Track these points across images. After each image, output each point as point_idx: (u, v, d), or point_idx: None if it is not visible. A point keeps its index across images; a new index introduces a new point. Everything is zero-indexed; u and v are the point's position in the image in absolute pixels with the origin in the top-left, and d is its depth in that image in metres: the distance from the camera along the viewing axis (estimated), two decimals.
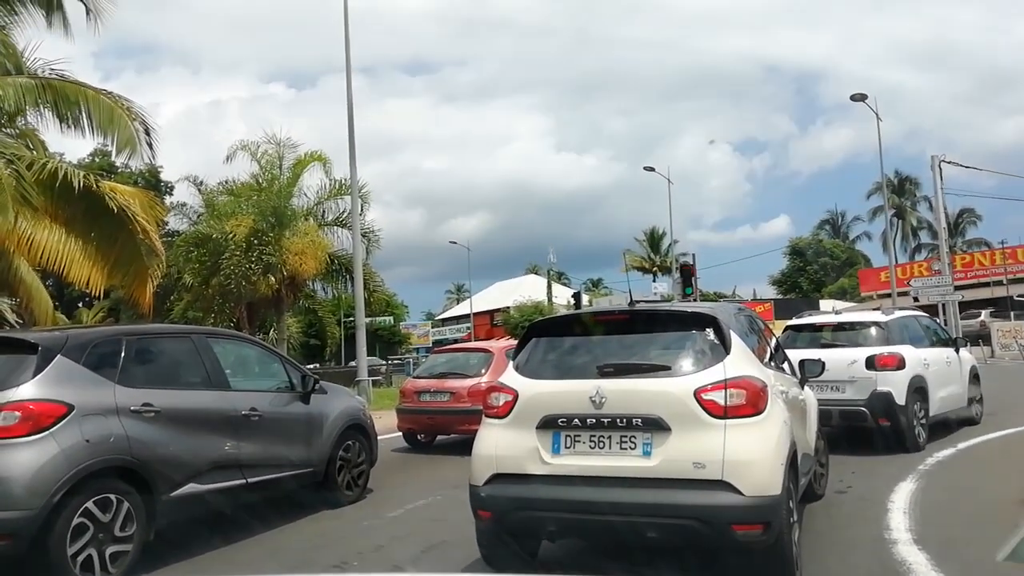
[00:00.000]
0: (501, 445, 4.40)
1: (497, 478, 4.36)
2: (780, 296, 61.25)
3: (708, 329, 4.37)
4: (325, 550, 5.65)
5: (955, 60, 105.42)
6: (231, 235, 20.35)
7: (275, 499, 6.41)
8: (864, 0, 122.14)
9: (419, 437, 10.78)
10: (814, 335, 9.85)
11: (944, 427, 9.68)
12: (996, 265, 43.94)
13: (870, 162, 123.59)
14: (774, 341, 5.79)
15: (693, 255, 34.08)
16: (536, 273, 69.59)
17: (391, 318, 69.78)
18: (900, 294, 32.36)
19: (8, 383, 4.73)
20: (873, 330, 9.32)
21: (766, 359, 4.92)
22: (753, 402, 4.10)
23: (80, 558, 4.59)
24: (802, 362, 5.97)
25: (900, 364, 8.71)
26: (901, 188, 62.05)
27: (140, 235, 12.99)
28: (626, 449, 4.13)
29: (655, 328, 4.71)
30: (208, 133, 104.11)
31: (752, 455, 3.98)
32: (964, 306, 34.36)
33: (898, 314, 10.09)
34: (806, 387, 5.99)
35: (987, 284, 42.10)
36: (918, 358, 9.09)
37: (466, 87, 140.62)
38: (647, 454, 4.08)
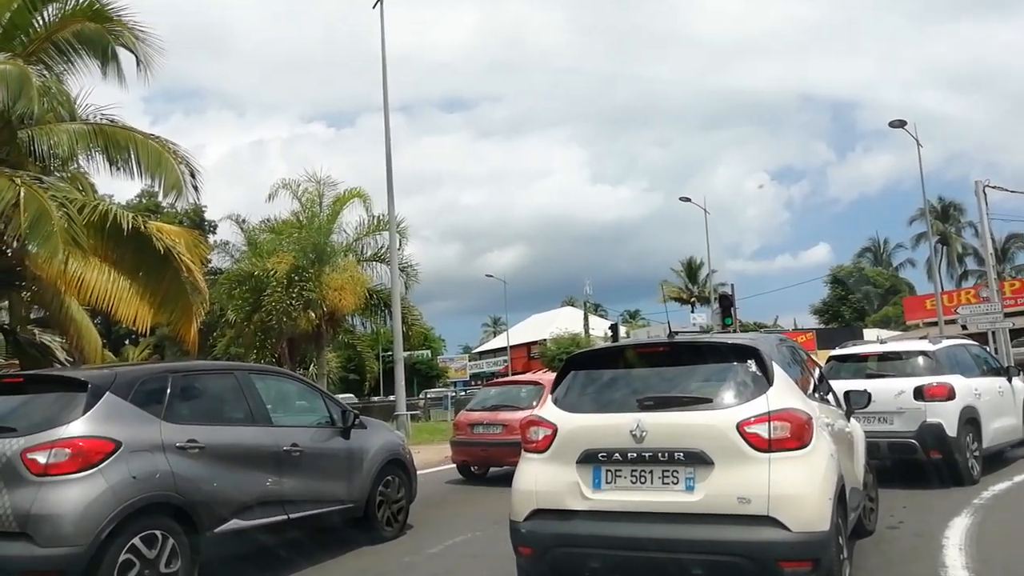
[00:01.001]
0: (541, 480, 4.35)
1: (538, 514, 4.31)
2: (822, 326, 60.11)
3: (750, 361, 4.31)
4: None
5: (994, 82, 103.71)
6: (272, 272, 20.74)
7: (316, 534, 6.42)
8: (899, 24, 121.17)
9: (472, 469, 10.99)
10: (859, 365, 9.64)
11: (999, 460, 9.39)
12: None
13: (911, 188, 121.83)
14: (818, 372, 5.69)
15: (732, 285, 33.69)
16: (572, 305, 69.50)
17: (429, 352, 70.08)
18: (947, 322, 31.57)
19: (58, 420, 4.81)
20: (920, 359, 9.09)
21: (810, 390, 4.83)
22: (798, 435, 4.01)
23: None
24: (847, 393, 5.83)
25: (950, 394, 8.46)
26: (945, 214, 60.79)
27: (185, 273, 13.33)
28: (668, 484, 4.06)
29: (695, 360, 4.60)
30: (251, 172, 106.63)
31: (799, 489, 3.90)
32: (1015, 333, 33.33)
33: (946, 343, 9.82)
34: (852, 419, 5.86)
35: None
36: (969, 388, 8.81)
37: (502, 122, 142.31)
38: (690, 489, 4.00)
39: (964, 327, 31.44)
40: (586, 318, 57.53)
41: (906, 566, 5.36)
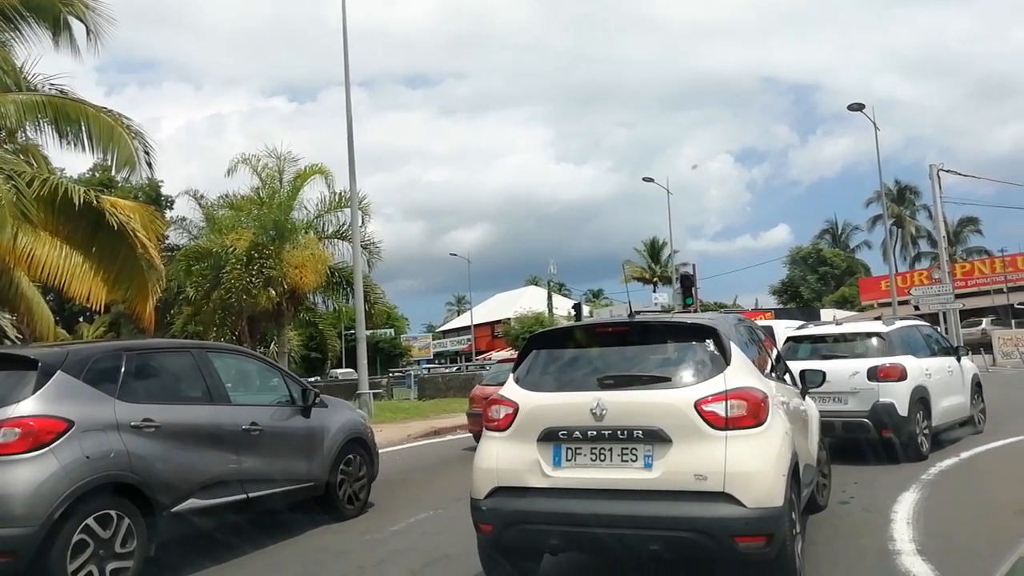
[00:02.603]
0: (502, 458, 4.37)
1: (498, 491, 4.33)
2: (781, 306, 61.21)
3: (708, 340, 4.37)
4: (326, 565, 5.65)
5: (952, 68, 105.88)
6: (231, 249, 20.37)
7: (277, 513, 6.40)
8: (859, 10, 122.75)
9: None
10: (815, 346, 9.89)
11: (947, 436, 9.73)
12: (996, 273, 43.94)
13: (869, 171, 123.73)
14: (775, 352, 5.78)
15: (693, 265, 34.01)
16: (536, 284, 69.60)
17: (392, 331, 69.66)
18: (900, 303, 32.37)
19: (7, 400, 4.72)
20: (874, 341, 9.32)
21: (767, 370, 4.92)
22: (754, 413, 4.07)
23: (81, 575, 4.57)
24: (803, 372, 5.99)
25: (902, 375, 8.72)
26: (901, 197, 62.17)
27: (140, 250, 13.03)
28: (627, 461, 4.10)
29: (655, 339, 4.67)
30: (209, 147, 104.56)
31: (754, 466, 3.96)
32: (965, 314, 34.34)
33: (899, 324, 10.03)
34: (807, 397, 6.01)
35: (988, 292, 42.08)
36: (920, 368, 9.09)
37: (466, 99, 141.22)
38: (648, 466, 4.05)
39: (916, 308, 32.26)
40: (550, 297, 57.63)
41: (856, 540, 5.51)
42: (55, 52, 14.19)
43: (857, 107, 29.95)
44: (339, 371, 43.12)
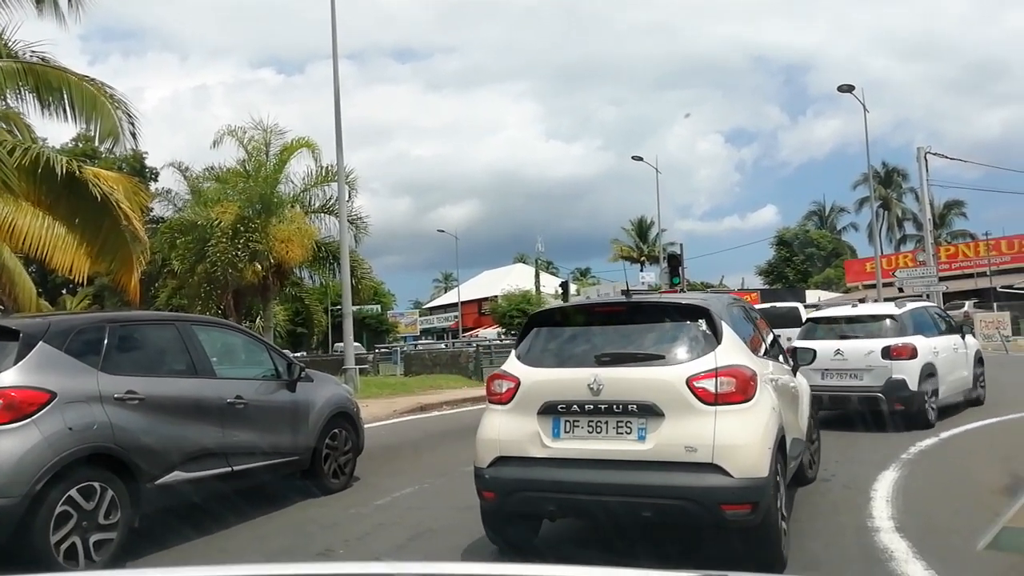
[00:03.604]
0: (504, 430, 4.58)
1: (500, 461, 4.54)
2: (767, 286, 61.55)
3: (701, 320, 4.54)
4: (311, 538, 5.67)
5: (942, 51, 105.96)
6: (217, 222, 20.18)
7: (261, 487, 6.43)
8: None
9: None
10: (833, 327, 10.53)
11: (952, 408, 10.24)
12: (980, 256, 44.33)
13: (857, 152, 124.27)
14: (769, 332, 6.00)
15: (681, 245, 34.21)
16: (524, 262, 69.56)
17: (378, 307, 69.39)
18: (885, 285, 32.61)
19: None
20: (888, 322, 10.05)
21: (761, 349, 5.14)
22: (743, 389, 4.26)
23: (64, 546, 4.57)
24: (793, 350, 6.26)
25: (913, 354, 9.50)
26: (888, 179, 62.39)
27: (124, 221, 12.89)
28: (622, 434, 4.30)
29: (650, 319, 4.84)
30: (195, 118, 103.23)
31: (741, 439, 4.15)
32: (948, 297, 34.63)
33: (910, 306, 10.72)
34: (799, 374, 6.26)
35: (971, 275, 42.48)
36: (929, 346, 9.89)
37: (455, 74, 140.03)
38: (642, 438, 4.25)
39: (901, 290, 32.49)
40: (537, 275, 57.66)
41: (835, 517, 5.58)
42: (39, 19, 13.89)
43: (847, 88, 29.91)
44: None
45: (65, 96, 13.78)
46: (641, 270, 57.11)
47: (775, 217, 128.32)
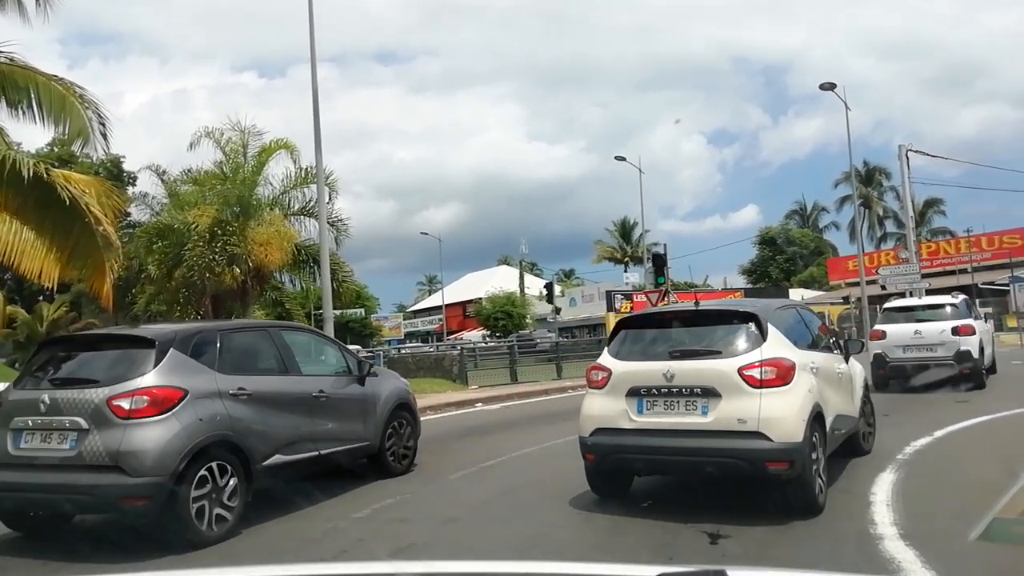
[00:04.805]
0: (600, 408, 5.92)
1: (598, 431, 5.88)
2: (750, 285, 61.69)
3: (750, 323, 5.75)
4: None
5: (921, 51, 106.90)
6: (194, 225, 19.69)
7: (340, 469, 7.13)
8: None
9: None
10: (908, 313, 14.40)
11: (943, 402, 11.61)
12: (961, 253, 44.63)
13: (837, 153, 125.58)
14: (820, 326, 7.47)
15: (664, 245, 33.99)
16: (508, 264, 69.38)
17: (362, 310, 68.75)
18: (868, 282, 32.64)
19: (134, 372, 5.55)
20: (949, 308, 13.90)
21: (808, 343, 6.41)
22: (782, 376, 5.44)
23: (197, 512, 5.40)
24: (845, 342, 7.65)
25: (973, 331, 13.29)
26: (869, 178, 62.70)
27: (95, 226, 12.49)
28: (690, 410, 5.55)
29: (711, 322, 6.15)
30: (176, 122, 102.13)
31: (780, 413, 5.34)
32: (930, 294, 34.75)
33: (961, 298, 14.91)
34: (852, 361, 7.48)
35: (952, 272, 42.72)
36: (981, 327, 14.25)
37: (438, 77, 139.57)
38: (705, 413, 5.49)
39: (883, 287, 32.57)
40: (521, 277, 57.54)
41: (836, 524, 5.35)
42: (1, 16, 13.45)
43: (829, 87, 29.94)
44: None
45: (32, 96, 13.37)
46: (625, 271, 57.10)
47: (756, 217, 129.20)
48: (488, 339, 46.41)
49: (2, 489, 5.56)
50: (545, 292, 43.71)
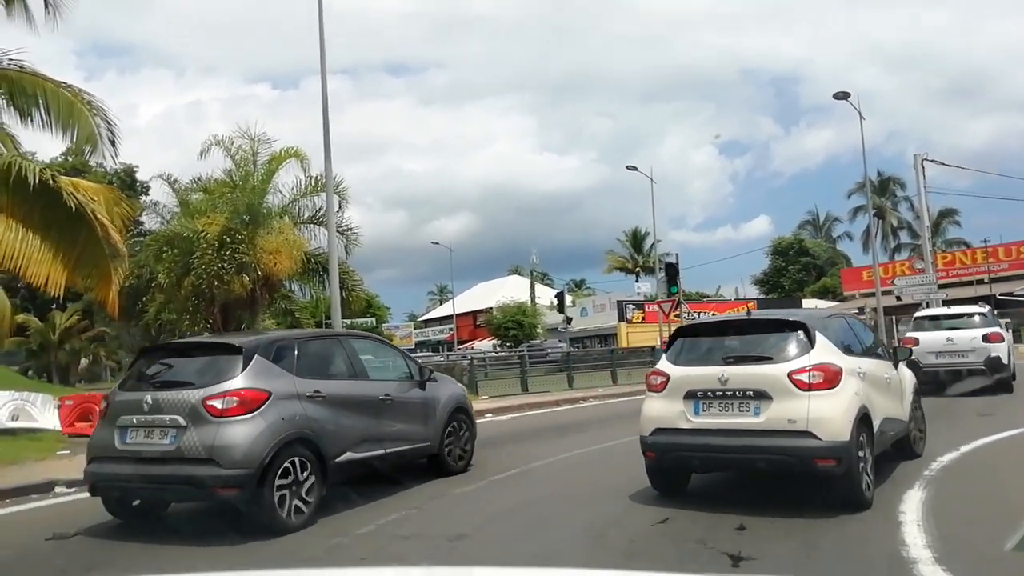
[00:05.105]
0: (659, 410, 6.37)
1: (658, 431, 6.33)
2: (763, 296, 61.19)
3: (800, 331, 6.16)
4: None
5: (929, 61, 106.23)
6: (203, 234, 19.60)
7: (403, 467, 7.59)
8: (836, 1, 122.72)
9: None
10: (939, 322, 15.24)
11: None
12: (978, 264, 44.03)
13: (849, 163, 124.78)
14: (870, 335, 7.97)
15: (676, 255, 33.69)
16: (519, 274, 69.15)
17: (373, 320, 68.72)
18: (884, 293, 32.18)
19: (224, 376, 6.11)
20: (978, 318, 15.05)
21: (857, 349, 6.81)
22: (830, 380, 5.82)
23: (280, 502, 5.92)
24: (895, 349, 8.44)
25: (1002, 339, 14.20)
26: (883, 188, 62.13)
27: (101, 233, 12.38)
28: (743, 411, 5.95)
29: (762, 330, 6.53)
30: (191, 134, 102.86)
31: (828, 414, 5.71)
32: (947, 304, 34.24)
33: (987, 308, 16.41)
34: (901, 367, 7.93)
35: (970, 283, 42.12)
36: (1007, 335, 15.18)
37: (448, 88, 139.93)
38: (757, 414, 5.88)
39: (899, 298, 32.11)
40: (532, 287, 57.32)
41: (865, 547, 5.07)
42: (8, 21, 13.38)
43: (843, 96, 29.55)
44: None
45: (40, 102, 13.29)
46: (636, 280, 56.69)
47: (768, 227, 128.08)
48: (499, 349, 46.13)
49: (110, 480, 6.26)
50: (556, 302, 43.42)
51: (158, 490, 6.23)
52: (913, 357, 13.15)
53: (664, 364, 6.58)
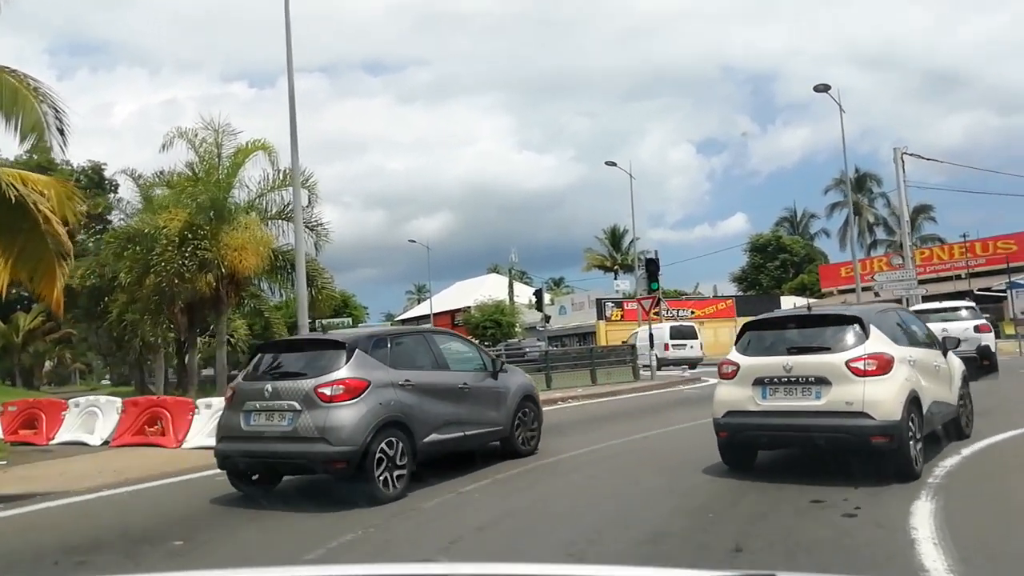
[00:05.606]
0: (731, 394, 7.18)
1: (729, 413, 7.13)
2: (741, 293, 61.03)
3: (856, 324, 6.91)
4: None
5: (904, 59, 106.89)
6: (164, 229, 18.72)
7: (477, 450, 8.33)
8: (813, 1, 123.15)
9: None
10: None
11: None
12: (955, 259, 44.09)
13: (824, 161, 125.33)
14: (924, 328, 8.59)
15: (656, 251, 33.18)
16: (497, 272, 68.38)
17: (350, 319, 67.67)
18: (863, 289, 31.93)
19: (332, 367, 7.06)
20: (966, 311, 17.45)
21: (907, 340, 7.47)
22: (883, 367, 6.60)
23: (379, 477, 6.82)
24: (944, 339, 9.01)
25: (990, 329, 16.75)
26: (859, 184, 62.13)
27: (44, 224, 11.56)
28: (805, 395, 6.74)
29: (822, 324, 7.27)
30: (166, 132, 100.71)
31: (881, 397, 6.50)
32: (925, 300, 34.10)
33: (973, 303, 19.41)
34: (950, 356, 8.58)
35: (948, 278, 42.14)
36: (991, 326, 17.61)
37: (428, 86, 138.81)
38: (818, 398, 6.67)
39: (877, 294, 31.86)
40: (511, 285, 56.53)
41: (883, 570, 4.48)
42: None
43: (823, 88, 29.20)
44: None
45: None
46: (615, 278, 56.21)
47: (745, 225, 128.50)
48: None
49: (238, 455, 7.21)
50: (534, 300, 42.76)
51: (278, 465, 7.27)
52: None
53: (734, 355, 7.35)
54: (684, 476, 7.44)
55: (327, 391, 6.83)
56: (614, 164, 37.05)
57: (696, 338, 32.55)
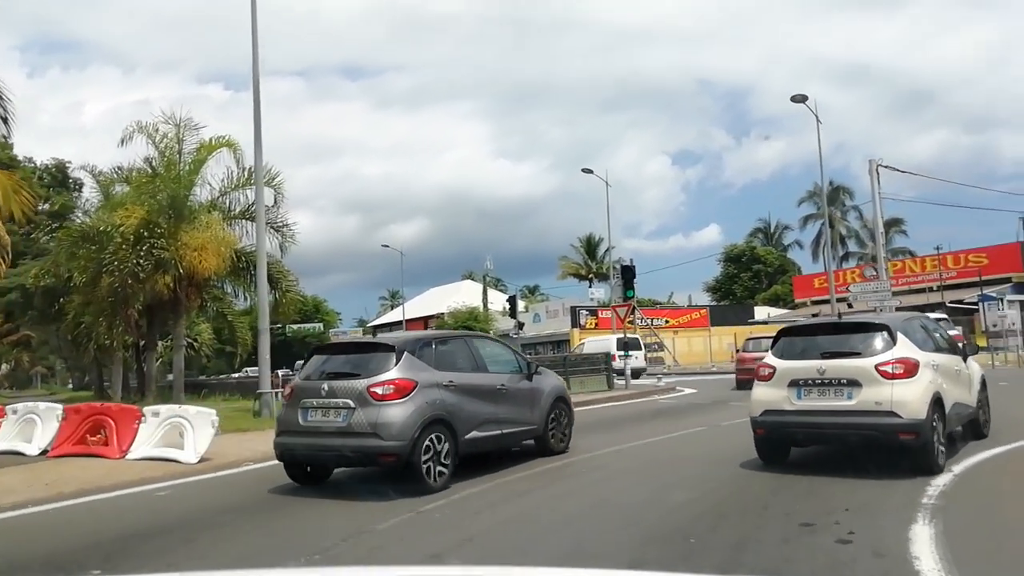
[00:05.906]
0: (767, 395, 7.70)
1: (766, 412, 7.66)
2: (715, 303, 60.98)
3: (884, 331, 7.48)
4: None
5: (877, 77, 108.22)
6: (119, 227, 17.85)
7: (511, 448, 9.06)
8: (788, 16, 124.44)
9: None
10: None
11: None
12: (927, 272, 44.29)
13: (799, 174, 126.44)
14: (944, 334, 9.04)
15: (631, 259, 32.79)
16: (472, 279, 67.74)
17: (321, 325, 66.57)
18: (838, 300, 31.80)
19: (383, 369, 7.56)
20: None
21: (931, 347, 7.96)
22: (909, 371, 7.12)
23: (425, 469, 7.29)
24: (965, 345, 9.58)
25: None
26: (832, 197, 62.46)
27: None
28: (838, 396, 7.25)
29: (852, 331, 7.87)
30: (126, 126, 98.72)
31: (908, 398, 7.02)
32: (898, 311, 34.05)
33: (944, 316, 19.99)
34: (970, 361, 9.16)
35: (920, 290, 42.30)
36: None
37: (405, 92, 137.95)
38: (850, 398, 7.18)
39: (850, 305, 31.73)
40: (485, 292, 55.95)
41: None
42: None
43: (800, 98, 29.12)
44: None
45: None
46: (590, 286, 55.88)
47: (718, 236, 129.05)
48: None
49: (296, 449, 7.80)
50: (508, 306, 42.20)
51: (334, 458, 7.74)
52: None
53: (771, 358, 7.89)
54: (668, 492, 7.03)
55: (379, 390, 7.36)
56: (590, 171, 36.70)
57: (640, 349, 32.34)
